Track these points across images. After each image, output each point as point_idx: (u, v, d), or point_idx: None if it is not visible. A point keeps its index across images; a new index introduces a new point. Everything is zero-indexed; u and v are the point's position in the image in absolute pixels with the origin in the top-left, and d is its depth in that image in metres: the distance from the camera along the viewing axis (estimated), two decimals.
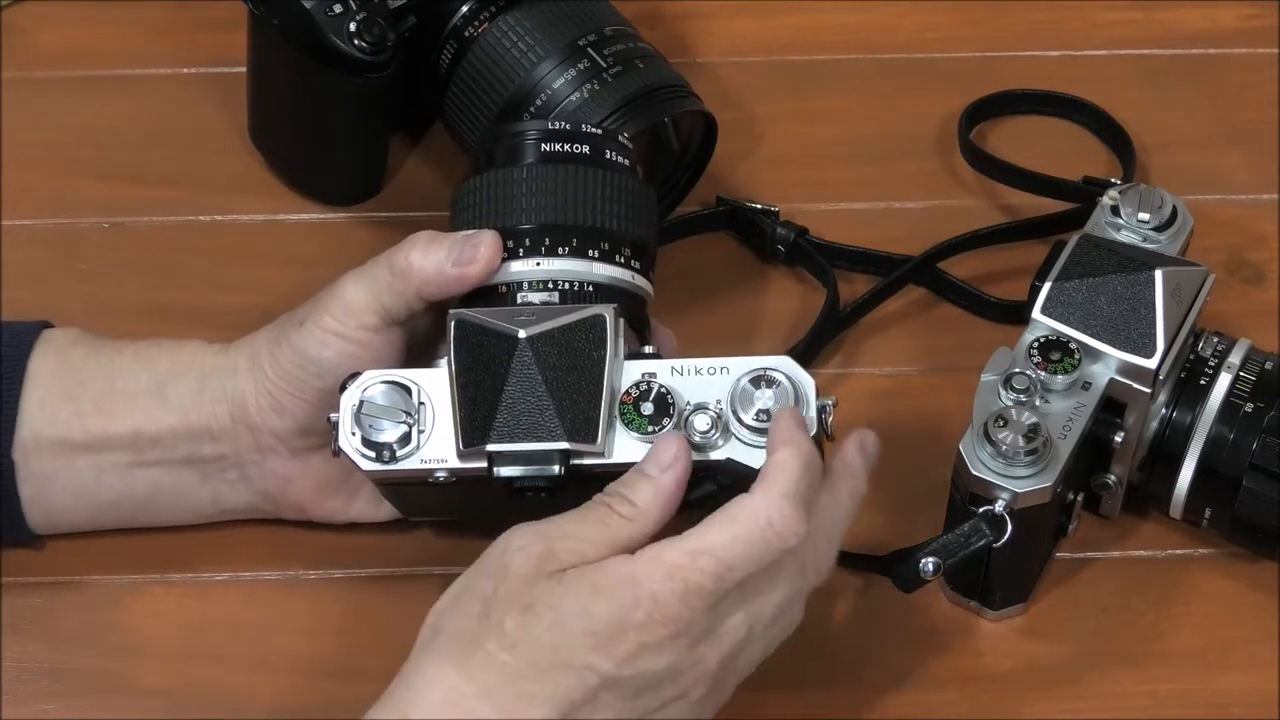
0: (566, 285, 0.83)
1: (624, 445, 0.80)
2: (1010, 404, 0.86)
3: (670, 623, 0.75)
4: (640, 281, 0.86)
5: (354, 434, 0.80)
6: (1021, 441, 0.85)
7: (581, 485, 0.79)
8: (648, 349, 0.83)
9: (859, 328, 1.01)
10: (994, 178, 1.06)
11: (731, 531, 0.76)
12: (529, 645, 0.74)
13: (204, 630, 0.91)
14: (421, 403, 0.81)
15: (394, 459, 0.80)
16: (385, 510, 0.90)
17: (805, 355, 0.98)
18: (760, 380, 0.80)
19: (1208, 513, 0.90)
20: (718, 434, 0.80)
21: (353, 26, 0.96)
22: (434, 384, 0.81)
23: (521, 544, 0.76)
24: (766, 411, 0.80)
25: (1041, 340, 0.88)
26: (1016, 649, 0.91)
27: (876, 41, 1.13)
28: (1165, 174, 1.06)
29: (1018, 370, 0.87)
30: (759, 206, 1.04)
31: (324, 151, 1.03)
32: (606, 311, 0.81)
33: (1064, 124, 1.09)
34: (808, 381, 0.80)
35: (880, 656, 0.90)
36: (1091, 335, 0.88)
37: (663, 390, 0.80)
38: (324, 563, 0.92)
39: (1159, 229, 0.92)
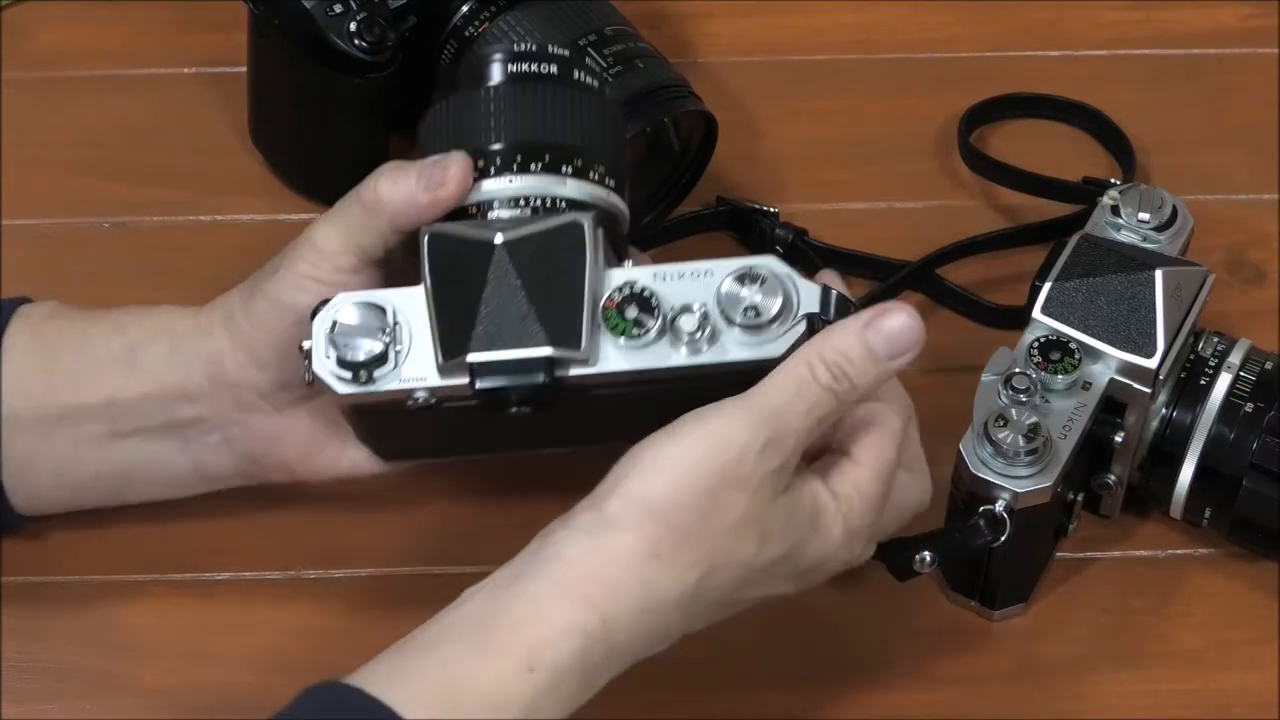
0: (540, 202, 0.80)
1: (610, 353, 0.77)
2: (1010, 404, 0.86)
3: (855, 554, 0.79)
4: (615, 200, 0.82)
5: (328, 357, 0.77)
6: (1021, 441, 0.85)
7: (568, 402, 0.77)
8: (627, 263, 0.80)
9: None
10: (994, 180, 1.06)
11: (894, 441, 0.79)
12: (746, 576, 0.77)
13: (204, 630, 0.91)
14: (397, 322, 0.77)
15: (371, 380, 0.77)
16: (375, 462, 0.87)
17: None
18: (746, 278, 0.78)
19: (1208, 513, 0.90)
20: (705, 336, 0.77)
21: (353, 26, 0.96)
22: (410, 302, 0.78)
23: (751, 435, 0.75)
24: (755, 308, 0.77)
25: (1042, 340, 0.88)
26: (1016, 649, 0.91)
27: (876, 41, 1.13)
28: (1165, 174, 1.06)
29: (1018, 370, 0.87)
30: (758, 207, 1.04)
31: (324, 152, 1.03)
32: (584, 218, 0.78)
33: (1064, 126, 1.09)
34: (795, 277, 0.78)
35: (880, 656, 0.90)
36: (1091, 335, 0.88)
37: (647, 293, 0.77)
38: (324, 563, 0.92)
39: (1159, 229, 0.92)
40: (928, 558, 0.86)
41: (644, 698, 0.88)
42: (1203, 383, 0.89)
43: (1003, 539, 0.85)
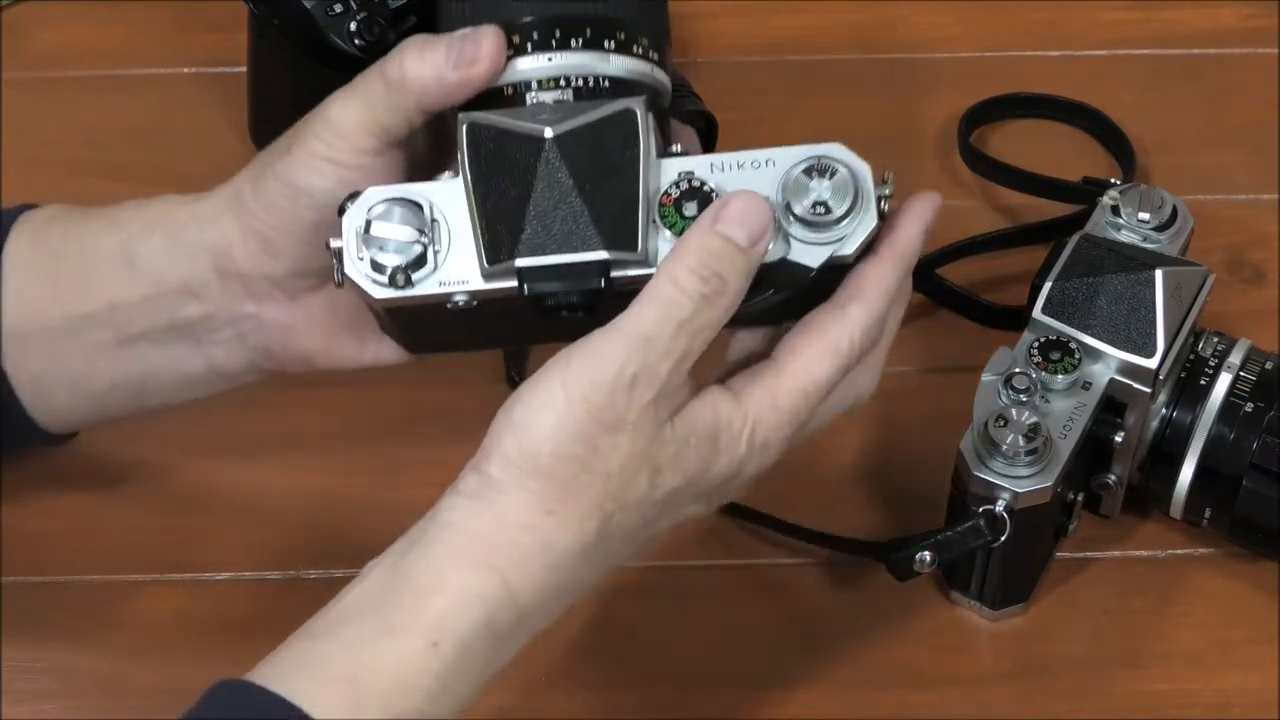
0: (581, 82, 0.74)
1: (668, 252, 0.72)
2: (1010, 404, 0.86)
3: (773, 459, 0.75)
4: (660, 76, 0.77)
5: (361, 259, 0.72)
6: (1022, 441, 0.85)
7: (619, 301, 0.72)
8: (676, 147, 0.76)
9: None
10: (994, 180, 1.06)
11: (834, 360, 0.74)
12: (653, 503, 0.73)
13: (204, 630, 0.91)
14: (435, 220, 0.73)
15: (409, 283, 0.72)
16: (400, 353, 0.82)
17: None
18: (813, 170, 0.73)
19: (1208, 513, 0.90)
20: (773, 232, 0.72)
21: (353, 26, 0.96)
22: (447, 198, 0.73)
23: (618, 371, 0.70)
24: (824, 204, 0.72)
25: (1042, 340, 0.88)
26: (1016, 649, 0.91)
27: (876, 41, 1.13)
28: (1165, 174, 1.06)
29: (1018, 370, 0.87)
30: None
31: None
32: (636, 105, 0.73)
33: (1064, 126, 1.09)
34: (864, 169, 0.74)
35: (880, 656, 0.90)
36: (1092, 335, 0.88)
37: (706, 188, 0.73)
38: (325, 563, 0.92)
39: (1159, 229, 0.92)
40: (928, 558, 0.86)
41: (643, 697, 0.89)
42: (1203, 383, 0.89)
43: (1003, 539, 0.85)
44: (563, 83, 0.74)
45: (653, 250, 0.72)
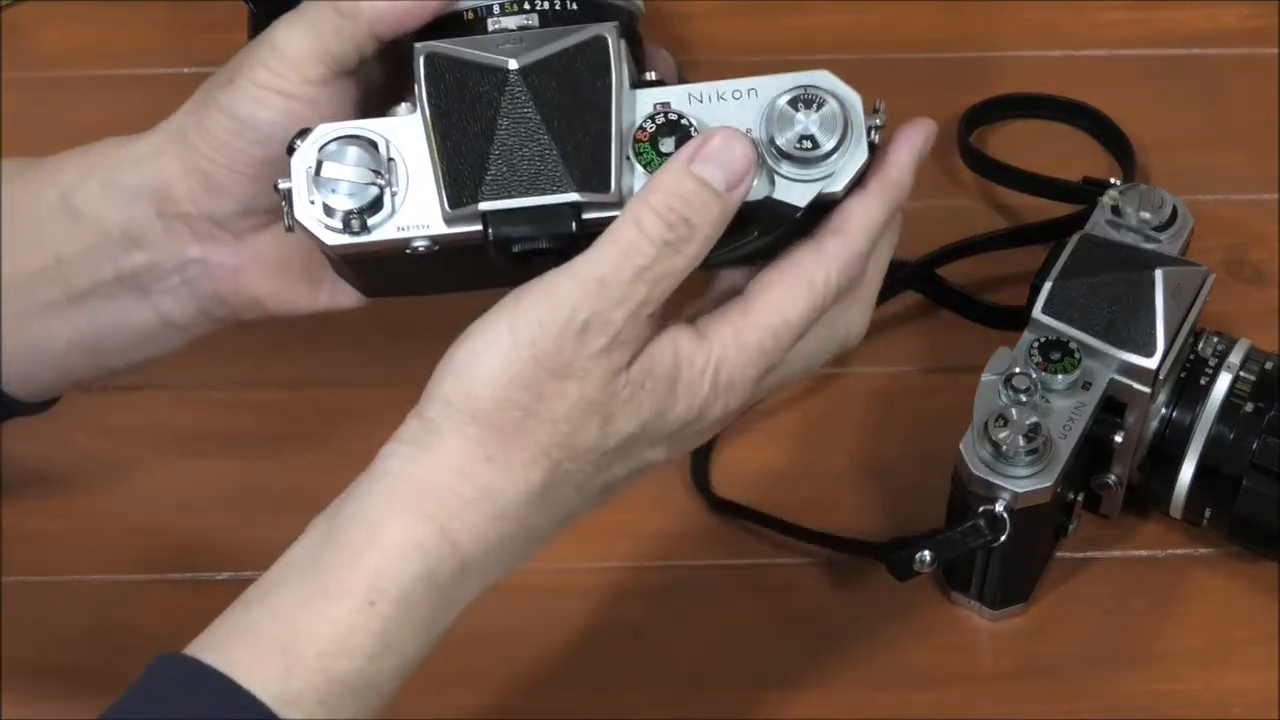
0: (547, 4, 0.69)
1: (638, 190, 0.68)
2: (1010, 404, 0.86)
3: (741, 401, 0.70)
4: None
5: (312, 201, 0.67)
6: (1022, 441, 0.85)
7: (592, 236, 0.67)
8: (651, 75, 0.70)
9: None
10: (994, 180, 1.06)
11: (808, 298, 0.69)
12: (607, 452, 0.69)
13: (204, 630, 0.90)
14: (391, 159, 0.68)
15: (365, 229, 0.67)
16: (357, 296, 0.78)
17: None
18: (799, 101, 0.68)
19: (1208, 513, 0.90)
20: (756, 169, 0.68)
21: None
22: (404, 135, 0.68)
23: (568, 317, 0.66)
24: (811, 138, 0.68)
25: (1042, 340, 0.88)
26: (1016, 649, 0.91)
27: (876, 41, 1.13)
28: (1165, 174, 1.06)
29: (1018, 370, 0.87)
30: None
31: None
32: (607, 31, 0.68)
33: (1064, 126, 1.09)
34: (854, 98, 0.69)
35: (880, 656, 0.90)
36: (1091, 335, 0.88)
37: (684, 122, 0.67)
38: None
39: (1159, 229, 0.92)
40: (928, 558, 0.86)
41: (643, 697, 0.89)
42: (1203, 383, 0.89)
43: (1003, 539, 0.85)
44: (527, 4, 0.69)
45: (627, 190, 0.68)
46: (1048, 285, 0.89)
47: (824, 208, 0.69)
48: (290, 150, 0.69)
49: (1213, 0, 1.15)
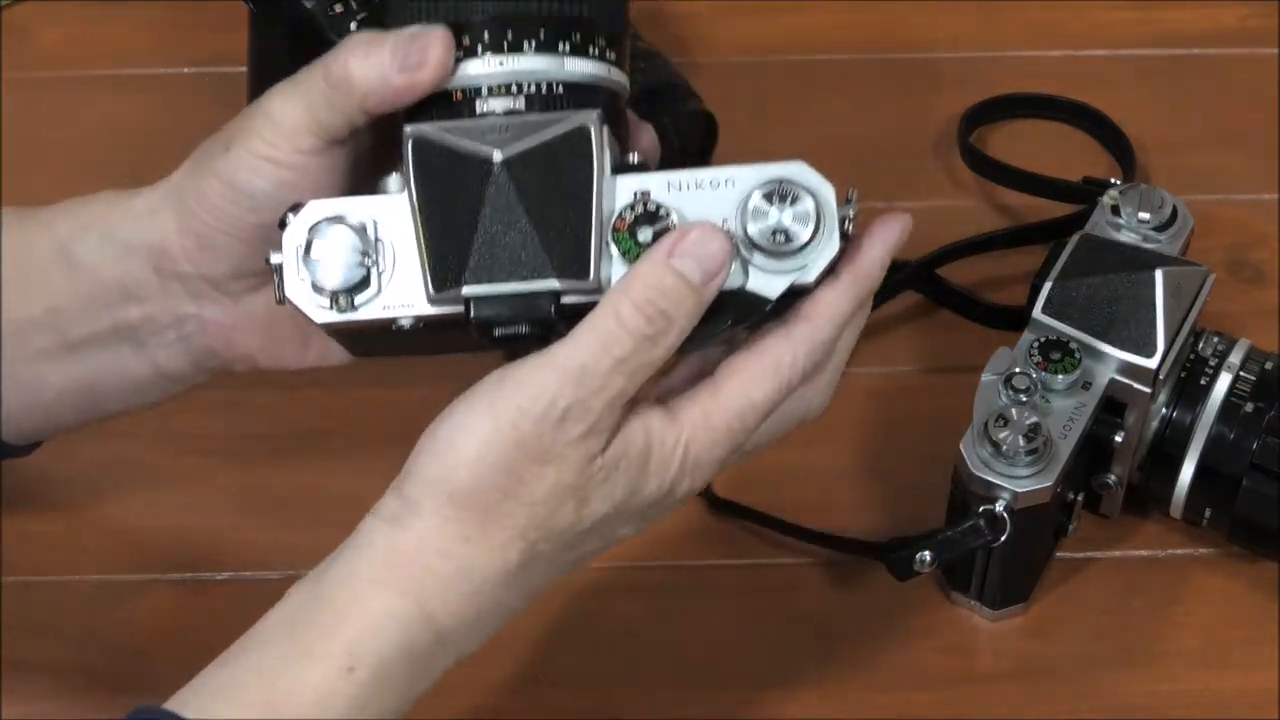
0: (534, 88, 0.70)
1: (618, 280, 0.69)
2: (1010, 404, 0.86)
3: (707, 477, 0.72)
4: (617, 75, 0.73)
5: (302, 279, 0.70)
6: (1022, 441, 0.85)
7: (572, 324, 0.69)
8: (633, 157, 0.71)
9: None
10: (994, 180, 1.06)
11: (774, 382, 0.71)
12: (578, 532, 0.71)
13: (204, 630, 0.90)
14: (379, 238, 0.70)
15: (352, 307, 0.69)
16: (345, 354, 0.79)
17: None
18: (774, 195, 0.69)
19: (1208, 513, 0.90)
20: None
21: (353, 26, 0.96)
22: (392, 215, 0.70)
23: (549, 404, 0.68)
24: (785, 232, 0.69)
25: (1042, 340, 0.88)
26: (1016, 649, 0.91)
27: (876, 41, 1.13)
28: (1165, 174, 1.06)
29: (1018, 370, 0.87)
30: None
31: None
32: (590, 121, 0.69)
33: (1064, 126, 1.09)
34: (827, 191, 0.70)
35: (880, 656, 0.90)
36: (1092, 335, 0.88)
37: (662, 212, 0.69)
38: None
39: (1159, 229, 0.92)
40: (928, 558, 0.86)
41: (643, 697, 0.89)
42: (1203, 383, 0.89)
43: (1003, 539, 0.85)
44: (515, 89, 0.71)
45: (605, 277, 0.69)
46: (1048, 285, 0.89)
47: (795, 294, 0.71)
48: (282, 225, 0.70)
49: (1213, 0, 1.15)
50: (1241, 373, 0.89)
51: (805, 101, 1.11)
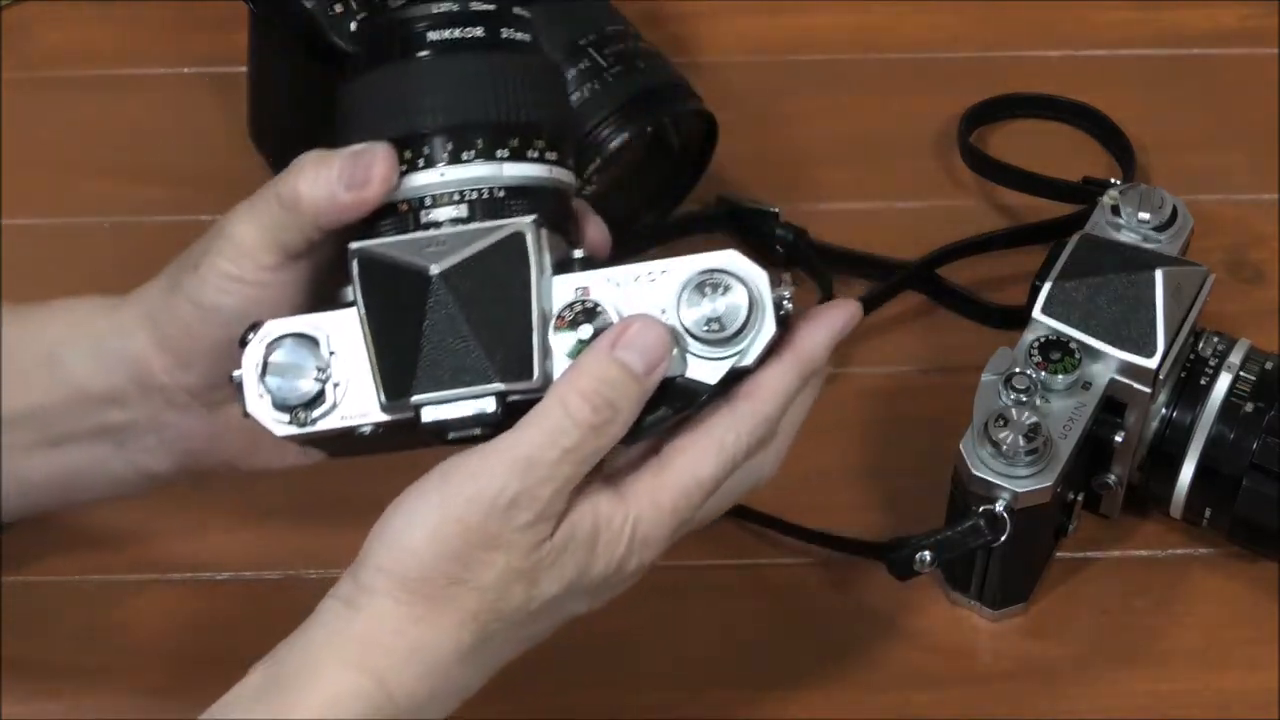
0: (475, 194, 0.73)
1: (563, 371, 0.72)
2: (1010, 404, 0.86)
3: (656, 553, 0.74)
4: (559, 174, 0.75)
5: (262, 396, 0.73)
6: (1022, 441, 0.85)
7: (523, 410, 0.72)
8: (577, 253, 0.74)
9: (858, 330, 1.01)
10: (994, 180, 1.06)
11: (718, 459, 0.73)
12: (530, 611, 0.73)
13: (204, 630, 0.91)
14: (333, 351, 0.73)
15: (310, 420, 0.73)
16: (321, 454, 0.80)
17: None
18: (707, 285, 0.72)
19: (1208, 513, 0.90)
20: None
21: (353, 26, 0.96)
22: (344, 329, 0.73)
23: (496, 493, 0.70)
24: (719, 321, 0.71)
25: (1042, 340, 0.88)
26: (1016, 649, 0.91)
27: (876, 41, 1.13)
28: (1165, 174, 1.06)
29: (1018, 370, 0.87)
30: (759, 207, 1.04)
31: None
32: (525, 227, 0.72)
33: (1064, 126, 1.09)
34: (759, 276, 0.72)
35: (880, 656, 0.90)
36: (1092, 335, 0.88)
37: (600, 309, 0.71)
38: (324, 562, 0.92)
39: (1159, 229, 0.92)
40: (928, 557, 0.86)
41: (644, 697, 0.89)
42: (1203, 383, 0.89)
43: (1003, 539, 0.85)
44: (458, 197, 0.73)
45: (549, 374, 0.72)
46: (1048, 285, 0.89)
47: (737, 376, 0.73)
48: (242, 343, 0.73)
49: (1213, 0, 1.15)
50: (1241, 373, 0.89)
51: (805, 101, 1.11)
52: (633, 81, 0.97)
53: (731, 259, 0.72)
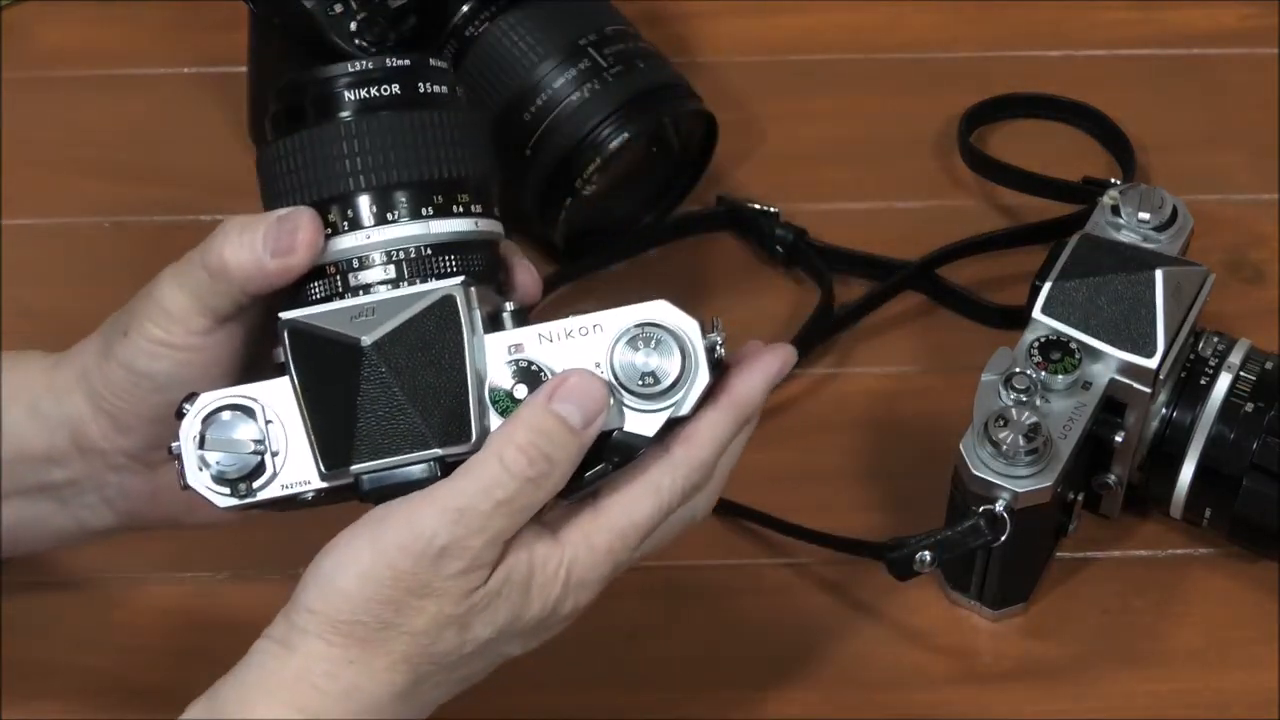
0: (402, 254, 0.73)
1: (500, 424, 0.72)
2: (1011, 404, 0.86)
3: (591, 595, 0.74)
4: (486, 225, 0.75)
5: (201, 470, 0.72)
6: (1022, 441, 0.85)
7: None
8: (508, 306, 0.74)
9: (858, 330, 1.01)
10: (994, 180, 1.06)
11: (654, 504, 0.73)
12: (461, 657, 0.73)
13: (204, 630, 0.91)
14: (269, 420, 0.72)
15: (251, 492, 0.73)
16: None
17: None
18: (639, 339, 0.72)
19: (1208, 513, 0.90)
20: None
21: (354, 26, 0.96)
22: (280, 397, 0.73)
23: (427, 543, 0.70)
24: (652, 375, 0.71)
25: (1042, 340, 0.88)
26: (1016, 649, 0.91)
27: (876, 41, 1.13)
28: (1165, 174, 1.06)
29: (1018, 370, 0.87)
30: (759, 207, 1.04)
31: None
32: (455, 290, 0.72)
33: (1064, 126, 1.09)
34: (690, 326, 0.72)
35: (880, 656, 0.90)
36: (1092, 335, 0.88)
37: (534, 368, 0.72)
38: None
39: (1159, 229, 0.92)
40: (928, 557, 0.86)
41: (644, 697, 0.89)
42: (1203, 383, 0.89)
43: (1003, 539, 0.85)
44: (385, 257, 0.73)
45: (487, 431, 0.72)
46: (1048, 285, 0.89)
47: (674, 424, 0.73)
48: (179, 415, 0.73)
49: (1213, 0, 1.15)
50: (1241, 373, 0.89)
51: (805, 101, 1.11)
52: (633, 81, 0.97)
53: (662, 311, 0.72)
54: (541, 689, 0.88)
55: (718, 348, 0.72)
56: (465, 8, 0.99)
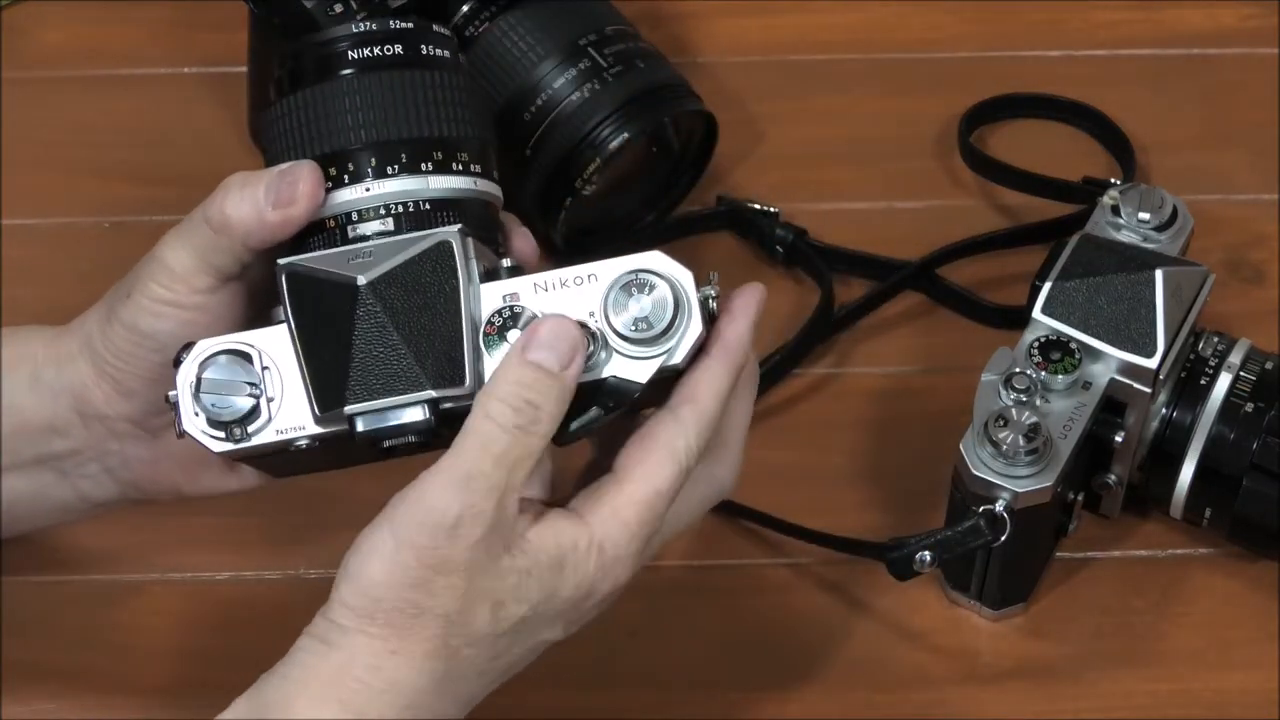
0: (401, 208, 0.74)
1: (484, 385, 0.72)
2: (1011, 404, 0.86)
3: (629, 572, 0.75)
4: (484, 185, 0.76)
5: (197, 414, 0.73)
6: (1022, 441, 0.85)
7: (456, 425, 0.72)
8: (505, 262, 0.75)
9: (858, 329, 1.01)
10: (994, 180, 1.06)
11: (673, 466, 0.73)
12: (505, 640, 0.73)
13: (204, 630, 0.91)
14: (265, 367, 0.73)
15: (245, 436, 0.73)
16: (266, 476, 0.82)
17: (793, 356, 0.98)
18: (633, 285, 0.73)
19: (1208, 513, 0.90)
20: (596, 348, 0.73)
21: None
22: (276, 344, 0.73)
23: (440, 516, 0.71)
24: (645, 320, 0.72)
25: (1042, 340, 0.88)
26: (1016, 649, 0.91)
27: (876, 41, 1.13)
28: (1165, 174, 1.06)
29: (1018, 370, 0.87)
30: (759, 207, 1.04)
31: None
32: (451, 236, 0.73)
33: (1064, 126, 1.09)
34: (684, 275, 0.73)
35: (880, 656, 0.90)
36: (1092, 335, 0.88)
37: (528, 314, 0.73)
38: (325, 562, 0.92)
39: (1159, 229, 0.92)
40: (928, 557, 0.86)
41: (644, 697, 0.89)
42: (1203, 383, 0.89)
43: (1003, 539, 0.85)
44: (383, 211, 0.74)
45: (481, 379, 0.72)
46: (1048, 285, 0.89)
47: (671, 378, 0.74)
48: (176, 363, 0.74)
49: (1213, 0, 1.15)
50: (1241, 373, 0.89)
51: (805, 101, 1.11)
52: (633, 81, 0.97)
53: (656, 259, 0.73)
54: (542, 689, 0.88)
55: (711, 301, 0.73)
56: (465, 8, 0.99)
